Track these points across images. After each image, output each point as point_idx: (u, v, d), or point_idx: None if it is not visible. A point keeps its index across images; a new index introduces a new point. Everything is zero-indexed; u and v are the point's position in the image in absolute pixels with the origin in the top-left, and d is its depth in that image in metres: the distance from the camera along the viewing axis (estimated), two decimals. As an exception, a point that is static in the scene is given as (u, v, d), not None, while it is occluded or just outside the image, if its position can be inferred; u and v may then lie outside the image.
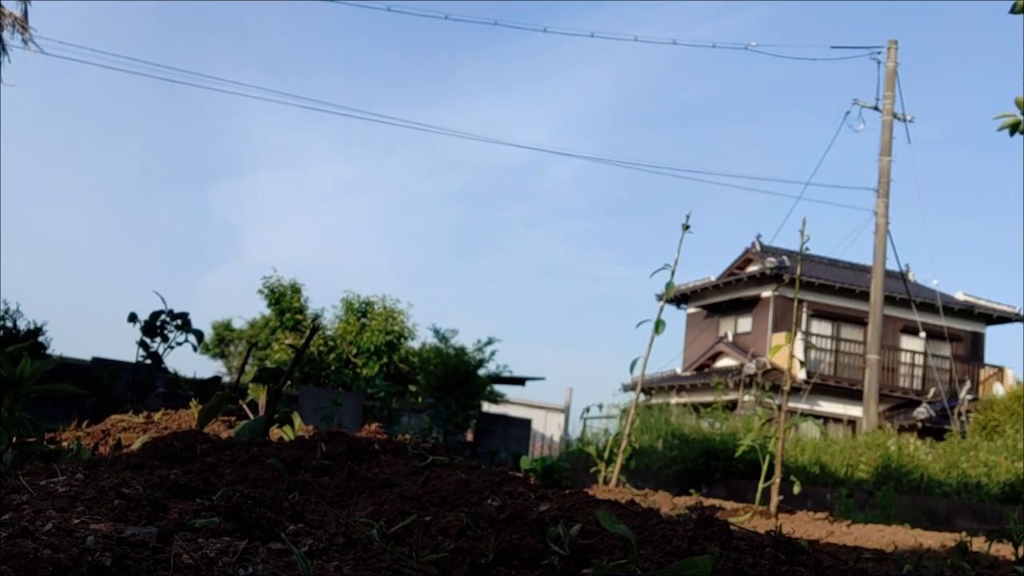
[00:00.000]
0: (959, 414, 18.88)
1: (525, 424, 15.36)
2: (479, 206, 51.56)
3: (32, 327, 8.10)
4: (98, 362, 8.56)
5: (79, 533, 1.00)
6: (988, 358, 25.58)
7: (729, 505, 4.75)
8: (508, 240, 49.01)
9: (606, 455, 4.97)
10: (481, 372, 15.03)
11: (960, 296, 25.27)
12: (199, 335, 5.75)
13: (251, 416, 2.55)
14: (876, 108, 18.32)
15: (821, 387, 21.04)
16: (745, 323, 25.14)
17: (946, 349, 23.34)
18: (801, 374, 19.26)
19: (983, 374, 24.71)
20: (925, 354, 24.08)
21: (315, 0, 25.87)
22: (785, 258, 23.08)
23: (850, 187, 45.60)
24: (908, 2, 38.88)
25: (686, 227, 4.92)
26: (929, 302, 21.52)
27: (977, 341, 25.74)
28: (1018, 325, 26.09)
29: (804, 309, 22.79)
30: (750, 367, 21.70)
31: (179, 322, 5.52)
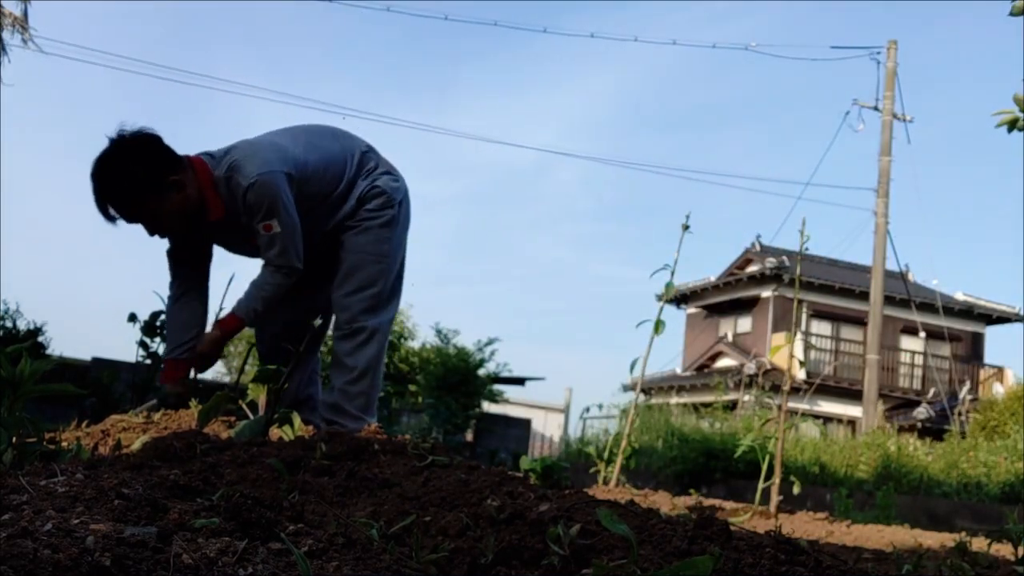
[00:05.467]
0: (959, 414, 18.88)
1: (525, 424, 15.35)
2: (483, 209, 51.58)
3: (32, 327, 8.09)
4: (98, 362, 8.55)
5: (79, 533, 1.00)
6: (988, 358, 25.60)
7: (729, 505, 4.75)
8: (511, 242, 49.01)
9: (606, 455, 4.96)
10: (481, 372, 15.02)
11: (960, 296, 25.28)
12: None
13: (251, 416, 2.55)
14: (876, 108, 18.32)
15: (821, 387, 21.05)
16: (745, 323, 25.15)
17: (946, 349, 23.34)
18: (801, 374, 19.26)
19: (983, 374, 24.71)
20: (925, 354, 24.09)
21: (315, 0, 25.86)
22: (785, 258, 23.08)
23: (850, 187, 45.61)
24: (908, 2, 38.89)
25: (686, 227, 4.91)
26: (929, 302, 21.52)
27: (977, 341, 25.75)
28: (1018, 325, 26.10)
29: (804, 309, 22.79)
30: (750, 367, 21.70)
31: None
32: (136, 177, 2.99)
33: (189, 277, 3.39)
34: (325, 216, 3.34)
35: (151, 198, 3.02)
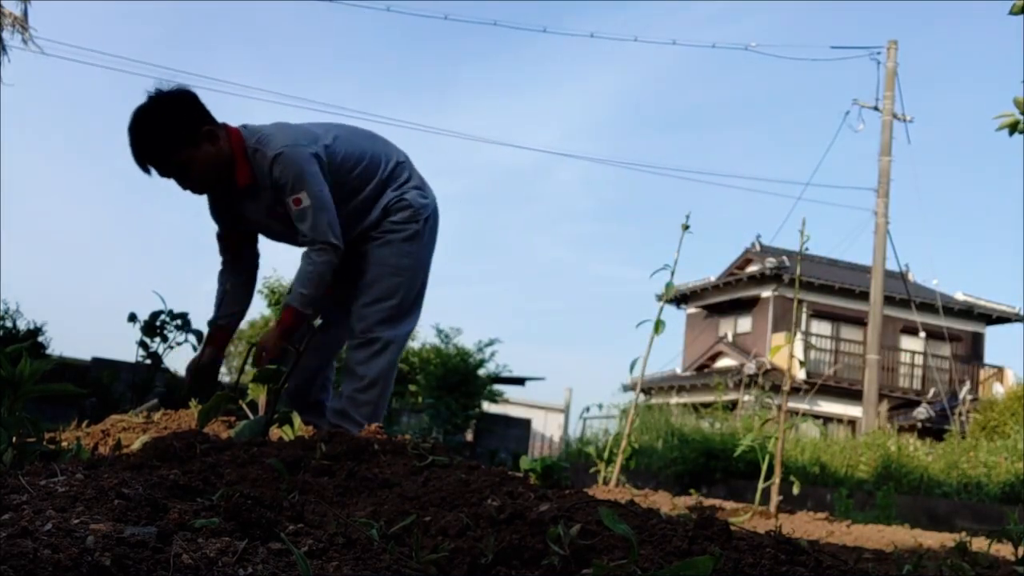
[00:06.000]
0: (959, 414, 18.87)
1: (525, 424, 15.35)
2: (482, 209, 51.58)
3: (32, 327, 8.09)
4: (98, 362, 8.55)
5: (79, 533, 1.00)
6: (988, 358, 25.60)
7: (729, 505, 4.74)
8: (510, 242, 49.03)
9: (606, 455, 4.95)
10: (481, 372, 15.02)
11: (960, 296, 25.27)
12: (199, 335, 5.74)
13: (251, 416, 2.55)
14: (876, 108, 18.32)
15: (821, 387, 21.05)
16: (745, 323, 25.15)
17: (946, 349, 23.34)
18: (801, 374, 19.25)
19: (983, 374, 24.71)
20: (925, 354, 24.08)
21: (316, 0, 25.87)
22: (785, 258, 23.08)
23: (850, 187, 45.62)
24: (908, 2, 38.90)
25: (686, 227, 4.91)
26: (929, 302, 21.52)
27: (977, 341, 25.75)
28: (1018, 325, 26.10)
29: (804, 309, 22.79)
30: (750, 367, 21.69)
31: (179, 322, 5.52)
32: (172, 122, 3.08)
33: (237, 257, 3.48)
34: (350, 219, 3.35)
35: (186, 144, 3.09)
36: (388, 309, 3.36)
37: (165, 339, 5.12)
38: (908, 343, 24.54)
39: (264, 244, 3.56)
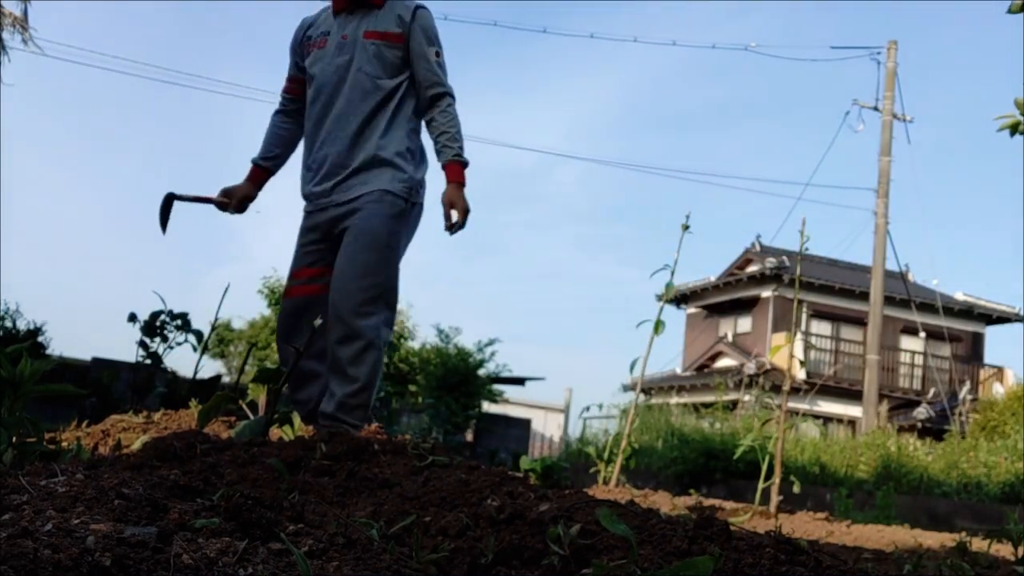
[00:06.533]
0: (959, 414, 18.87)
1: (525, 424, 15.34)
2: (483, 209, 51.59)
3: (32, 327, 8.09)
4: (98, 362, 8.54)
5: (79, 533, 1.00)
6: (988, 358, 25.58)
7: (729, 505, 4.74)
8: (511, 242, 49.03)
9: (606, 455, 4.96)
10: (481, 372, 15.01)
11: (960, 296, 25.26)
12: (199, 335, 5.74)
13: (251, 416, 2.55)
14: (876, 108, 18.31)
15: (821, 387, 21.05)
16: (745, 323, 25.14)
17: (946, 349, 23.32)
18: (801, 374, 19.25)
19: (983, 374, 24.69)
20: (925, 354, 24.07)
21: (316, 1, 25.82)
22: (785, 258, 23.07)
23: (850, 187, 45.64)
24: (908, 2, 38.93)
25: (686, 227, 4.91)
26: (929, 302, 21.51)
27: (977, 341, 25.73)
28: (1018, 325, 26.09)
29: (804, 309, 22.78)
30: (750, 367, 21.69)
31: (179, 322, 5.52)
32: None
33: (295, 101, 3.64)
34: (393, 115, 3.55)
35: None
36: (375, 287, 3.24)
37: (165, 339, 5.12)
38: (908, 343, 24.53)
39: (266, 244, 3.59)
